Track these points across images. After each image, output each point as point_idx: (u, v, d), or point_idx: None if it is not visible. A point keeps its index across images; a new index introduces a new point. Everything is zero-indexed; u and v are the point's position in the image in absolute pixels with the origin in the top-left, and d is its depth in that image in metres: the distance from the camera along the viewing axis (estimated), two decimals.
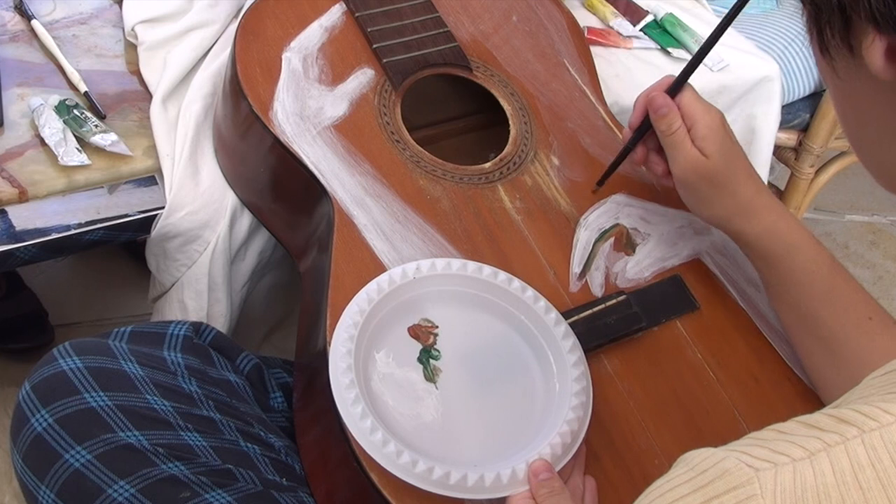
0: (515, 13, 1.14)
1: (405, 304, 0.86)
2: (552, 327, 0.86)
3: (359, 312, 0.82)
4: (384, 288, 0.84)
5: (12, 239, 1.00)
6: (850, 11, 0.51)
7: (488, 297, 0.88)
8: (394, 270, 0.86)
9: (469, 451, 0.80)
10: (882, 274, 1.87)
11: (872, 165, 0.60)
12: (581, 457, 0.82)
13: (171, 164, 1.05)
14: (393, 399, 0.81)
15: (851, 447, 0.46)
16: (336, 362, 0.79)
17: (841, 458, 0.46)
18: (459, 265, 0.88)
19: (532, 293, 0.88)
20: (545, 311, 0.87)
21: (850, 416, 0.48)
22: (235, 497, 0.81)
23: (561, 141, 1.03)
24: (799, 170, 1.48)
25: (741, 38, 1.35)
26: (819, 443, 0.47)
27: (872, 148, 0.59)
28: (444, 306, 0.87)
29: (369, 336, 0.83)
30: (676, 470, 0.51)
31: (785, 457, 0.47)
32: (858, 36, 0.51)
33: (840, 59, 0.53)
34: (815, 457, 0.46)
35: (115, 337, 0.89)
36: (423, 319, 0.86)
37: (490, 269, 0.88)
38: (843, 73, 0.54)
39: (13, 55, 1.14)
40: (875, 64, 0.51)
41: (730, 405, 0.89)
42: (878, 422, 0.47)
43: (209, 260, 1.06)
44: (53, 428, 0.81)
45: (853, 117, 0.58)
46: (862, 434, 0.46)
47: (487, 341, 0.87)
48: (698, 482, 0.48)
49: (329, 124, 0.98)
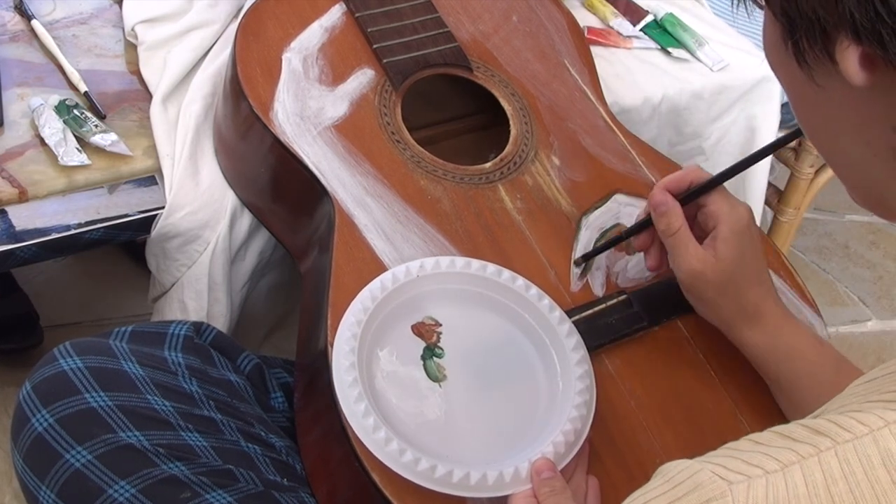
0: (515, 13, 1.14)
1: (409, 302, 0.86)
2: (556, 325, 0.86)
3: (362, 310, 0.82)
4: (388, 286, 0.84)
5: (12, 239, 1.00)
6: (826, 24, 0.50)
7: (492, 296, 0.88)
8: (397, 268, 0.86)
9: (472, 450, 0.80)
10: (882, 274, 1.87)
11: (846, 177, 0.59)
12: (584, 456, 0.82)
13: (171, 164, 1.05)
14: (396, 397, 0.81)
15: (825, 459, 0.46)
16: (339, 360, 0.79)
17: (814, 471, 0.46)
18: (463, 263, 0.88)
19: (536, 291, 0.88)
20: (549, 310, 0.87)
21: (825, 427, 0.48)
22: (236, 497, 0.81)
23: (561, 141, 1.03)
24: (799, 170, 1.48)
25: (741, 38, 1.35)
26: (793, 454, 0.47)
27: (843, 159, 0.58)
28: (448, 304, 0.87)
29: (373, 334, 0.83)
30: (654, 482, 0.51)
31: (759, 469, 0.47)
32: (834, 43, 0.50)
33: (818, 67, 0.52)
34: (789, 469, 0.46)
35: (115, 337, 0.89)
36: (426, 317, 0.86)
37: (494, 268, 0.88)
38: (822, 81, 0.53)
39: (13, 55, 1.14)
40: (849, 70, 0.50)
41: (731, 404, 0.89)
42: (853, 433, 0.46)
43: (209, 260, 1.06)
44: (54, 428, 0.81)
45: (824, 129, 0.57)
46: (836, 446, 0.46)
47: (491, 339, 0.87)
48: (673, 495, 0.49)
49: (329, 124, 0.98)
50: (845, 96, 0.53)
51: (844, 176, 0.59)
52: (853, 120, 0.54)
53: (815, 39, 0.51)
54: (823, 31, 0.50)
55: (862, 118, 0.53)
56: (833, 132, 0.57)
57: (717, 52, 1.28)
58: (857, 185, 0.58)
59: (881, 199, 0.57)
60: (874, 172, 0.55)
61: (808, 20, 0.51)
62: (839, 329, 1.74)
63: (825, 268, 1.86)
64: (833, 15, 0.49)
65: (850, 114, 0.54)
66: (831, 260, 1.88)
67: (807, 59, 0.52)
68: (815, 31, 0.51)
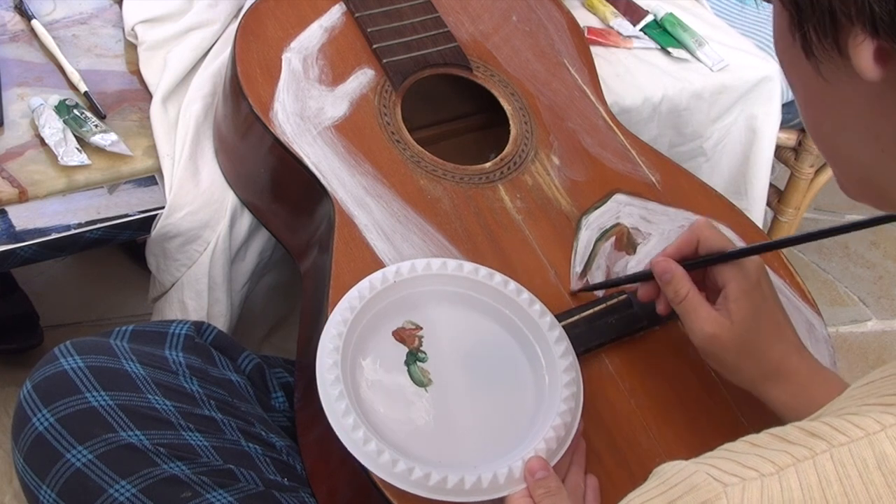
0: (515, 13, 1.14)
1: (388, 308, 0.85)
2: (538, 320, 0.85)
3: (342, 322, 0.81)
4: (365, 294, 0.83)
5: (12, 239, 1.00)
6: (842, 16, 0.49)
7: (471, 294, 0.87)
8: (373, 276, 0.85)
9: (464, 452, 0.80)
10: (882, 274, 1.87)
11: (844, 171, 0.58)
12: (581, 455, 0.82)
13: (171, 164, 1.05)
14: (384, 406, 0.80)
15: (820, 462, 0.46)
16: (323, 374, 0.79)
17: (809, 474, 0.46)
18: (439, 264, 0.87)
19: (515, 286, 0.87)
20: (530, 304, 0.86)
21: (821, 429, 0.48)
22: (237, 497, 0.81)
23: (561, 140, 1.03)
24: (799, 170, 1.48)
25: (741, 38, 1.35)
26: (788, 457, 0.47)
27: (846, 152, 0.57)
28: (427, 307, 0.86)
29: (355, 344, 0.82)
30: (650, 483, 0.51)
31: (754, 471, 0.47)
32: (846, 36, 0.50)
33: (826, 61, 0.52)
34: (784, 472, 0.46)
35: (116, 336, 0.89)
36: (406, 322, 0.85)
37: (471, 266, 0.87)
38: (829, 75, 0.52)
39: (13, 55, 1.14)
40: (862, 65, 0.49)
41: (731, 404, 0.89)
42: (848, 436, 0.47)
43: (209, 260, 1.06)
44: (55, 427, 0.81)
45: (829, 122, 0.56)
46: (831, 449, 0.46)
47: (474, 339, 0.86)
48: (668, 496, 0.49)
49: (329, 124, 0.98)
50: (854, 90, 0.52)
51: (843, 170, 0.59)
52: (862, 114, 0.53)
53: (825, 32, 0.50)
54: (835, 24, 0.50)
55: (872, 112, 0.53)
56: (836, 126, 0.56)
57: (717, 52, 1.28)
58: (857, 178, 0.58)
59: (882, 192, 0.57)
60: (879, 165, 0.54)
61: (819, 11, 0.50)
62: (839, 329, 1.74)
63: (825, 268, 1.86)
64: (850, 7, 0.48)
65: (858, 108, 0.53)
66: (831, 260, 1.88)
67: (814, 52, 0.52)
68: (825, 23, 0.50)
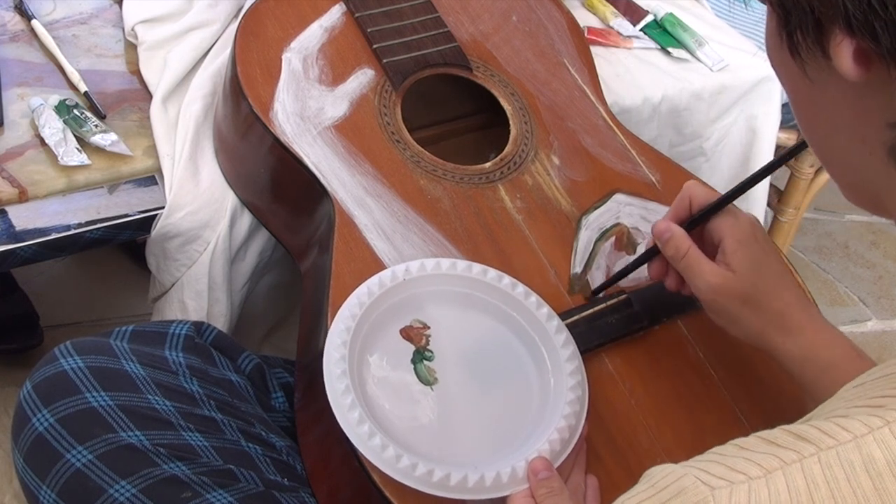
0: (515, 13, 1.14)
1: (396, 306, 0.85)
2: (545, 322, 0.86)
3: (350, 317, 0.82)
4: (374, 291, 0.84)
5: (12, 239, 1.00)
6: (821, 16, 0.49)
7: (479, 296, 0.87)
8: (383, 273, 0.86)
9: (468, 451, 0.80)
10: (882, 274, 1.87)
11: (840, 175, 0.58)
12: (582, 455, 0.82)
13: (171, 164, 1.05)
14: (389, 402, 0.81)
15: (807, 465, 0.46)
16: (331, 368, 0.79)
17: (796, 477, 0.46)
18: (449, 264, 0.87)
19: (523, 289, 0.87)
20: (537, 307, 0.87)
21: (809, 433, 0.48)
22: (237, 497, 0.81)
23: (561, 140, 1.03)
24: (799, 170, 1.48)
25: (741, 38, 1.35)
26: (776, 460, 0.47)
27: (839, 156, 0.57)
28: (435, 306, 0.87)
29: (362, 340, 0.82)
30: (639, 486, 0.51)
31: (742, 475, 0.47)
32: (828, 37, 0.50)
33: (812, 62, 0.52)
34: (772, 475, 0.46)
35: (116, 336, 0.89)
36: (414, 320, 0.86)
37: (480, 267, 0.88)
38: (815, 76, 0.53)
39: (13, 55, 1.14)
40: (843, 65, 0.50)
41: (731, 404, 0.89)
42: (836, 439, 0.47)
43: (209, 260, 1.06)
44: (55, 428, 0.81)
45: (821, 125, 0.57)
46: (819, 452, 0.47)
47: (480, 339, 0.87)
48: (657, 500, 0.49)
49: (329, 124, 0.98)
50: (840, 92, 0.53)
51: (838, 174, 0.59)
52: (848, 116, 0.54)
53: (808, 32, 0.51)
54: (817, 24, 0.50)
55: (857, 115, 0.53)
56: (828, 129, 0.56)
57: (717, 52, 1.28)
58: (852, 183, 0.58)
59: (875, 197, 0.57)
60: (869, 170, 0.55)
61: (801, 11, 0.50)
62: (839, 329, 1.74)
63: (825, 268, 1.86)
64: (826, 6, 0.49)
65: (844, 110, 0.54)
66: (831, 260, 1.88)
67: (800, 52, 0.52)
68: (808, 23, 0.51)
